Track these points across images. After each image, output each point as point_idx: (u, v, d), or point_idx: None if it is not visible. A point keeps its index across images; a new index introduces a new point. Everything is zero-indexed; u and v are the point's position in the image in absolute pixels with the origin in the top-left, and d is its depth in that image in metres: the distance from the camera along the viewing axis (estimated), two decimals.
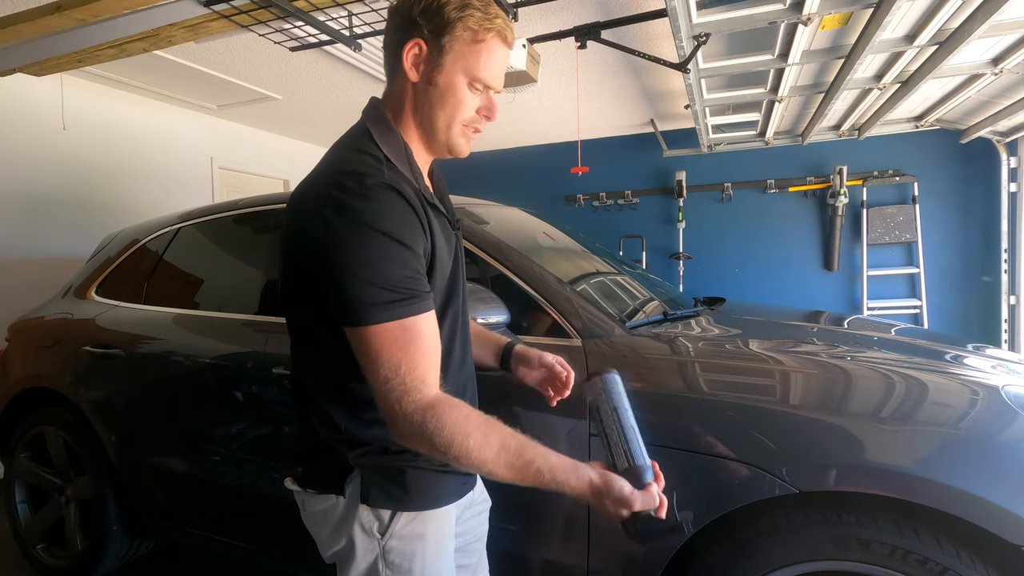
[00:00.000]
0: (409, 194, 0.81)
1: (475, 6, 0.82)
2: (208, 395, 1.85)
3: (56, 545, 2.25)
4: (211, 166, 4.69)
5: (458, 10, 0.81)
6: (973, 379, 1.24)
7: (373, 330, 0.76)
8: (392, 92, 0.90)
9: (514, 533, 1.09)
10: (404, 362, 0.77)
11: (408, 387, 0.77)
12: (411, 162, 0.88)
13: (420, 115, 0.88)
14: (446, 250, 0.89)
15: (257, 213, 2.04)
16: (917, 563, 1.05)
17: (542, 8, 2.73)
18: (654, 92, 4.20)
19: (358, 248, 0.76)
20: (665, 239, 5.37)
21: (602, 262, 2.12)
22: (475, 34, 0.83)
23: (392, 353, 0.77)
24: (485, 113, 0.89)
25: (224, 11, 2.30)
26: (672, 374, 1.31)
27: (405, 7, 0.84)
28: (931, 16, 2.45)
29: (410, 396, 0.77)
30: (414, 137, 0.90)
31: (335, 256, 0.77)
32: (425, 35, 0.82)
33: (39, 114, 3.57)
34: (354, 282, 0.76)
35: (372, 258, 0.76)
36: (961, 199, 4.48)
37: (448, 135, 0.88)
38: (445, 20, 0.81)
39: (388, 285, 0.76)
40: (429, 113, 0.86)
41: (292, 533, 1.75)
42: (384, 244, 0.76)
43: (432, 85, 0.85)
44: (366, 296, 0.76)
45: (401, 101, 0.88)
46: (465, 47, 0.83)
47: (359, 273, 0.76)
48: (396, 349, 0.77)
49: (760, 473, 1.14)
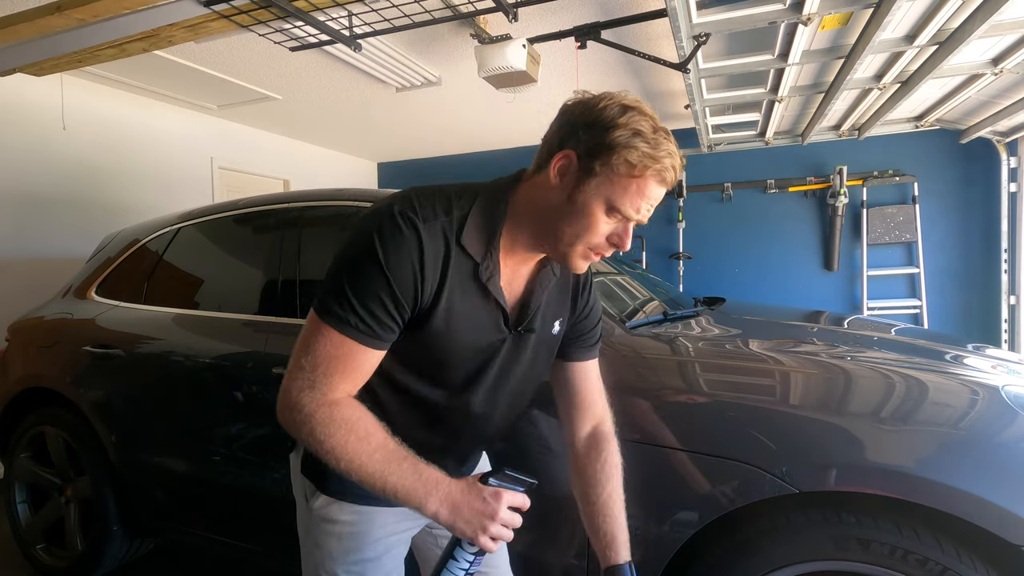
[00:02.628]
0: (431, 249, 0.80)
1: (645, 138, 0.75)
2: (208, 395, 1.85)
3: (56, 545, 2.25)
4: (211, 166, 4.69)
5: (625, 138, 0.74)
6: (973, 379, 1.24)
7: (321, 326, 0.80)
8: (530, 181, 0.85)
9: (515, 533, 1.09)
10: (325, 366, 0.80)
11: (315, 385, 0.79)
12: (490, 244, 0.84)
13: (545, 220, 0.83)
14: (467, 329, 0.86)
15: (257, 213, 2.04)
16: (917, 563, 1.05)
17: (542, 8, 2.73)
18: (654, 92, 4.20)
19: (360, 262, 0.79)
20: (665, 239, 5.37)
21: (602, 262, 2.12)
22: (632, 168, 0.75)
23: (320, 353, 0.80)
24: (615, 241, 0.82)
25: (224, 11, 2.30)
26: (672, 374, 1.31)
27: (575, 112, 0.80)
28: (931, 16, 2.46)
29: (312, 393, 0.79)
30: (526, 232, 0.86)
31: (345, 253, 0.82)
32: (580, 150, 0.77)
33: (39, 114, 3.57)
34: (339, 282, 0.80)
35: (363, 276, 0.79)
36: (961, 199, 4.48)
37: (568, 251, 0.83)
38: (606, 144, 0.75)
39: (359, 307, 0.78)
40: (556, 224, 0.81)
41: (292, 533, 1.75)
42: (377, 274, 0.78)
43: (569, 201, 0.79)
44: (336, 300, 0.79)
45: (533, 196, 0.84)
46: (616, 177, 0.76)
47: (346, 279, 0.79)
48: (326, 353, 0.80)
49: (760, 473, 1.14)
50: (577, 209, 0.79)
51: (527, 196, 0.85)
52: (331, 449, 0.77)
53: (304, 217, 1.89)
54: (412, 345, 0.86)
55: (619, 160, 0.75)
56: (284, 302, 1.82)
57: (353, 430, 0.78)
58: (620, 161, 0.75)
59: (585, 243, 0.81)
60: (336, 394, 0.80)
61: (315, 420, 0.78)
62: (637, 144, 0.74)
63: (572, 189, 0.79)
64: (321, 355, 0.79)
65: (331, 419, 0.78)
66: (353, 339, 0.79)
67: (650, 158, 0.75)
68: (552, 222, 0.82)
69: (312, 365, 0.79)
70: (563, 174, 0.80)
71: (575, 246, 0.82)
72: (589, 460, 1.01)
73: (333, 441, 0.77)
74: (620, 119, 0.75)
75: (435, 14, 2.58)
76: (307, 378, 0.79)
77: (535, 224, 0.84)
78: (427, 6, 2.52)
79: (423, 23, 2.61)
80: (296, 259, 1.84)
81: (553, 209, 0.81)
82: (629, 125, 0.74)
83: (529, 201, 0.84)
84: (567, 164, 0.79)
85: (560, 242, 0.82)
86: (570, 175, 0.79)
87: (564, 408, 1.06)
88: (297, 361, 0.81)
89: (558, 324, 0.98)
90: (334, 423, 0.78)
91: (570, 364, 1.04)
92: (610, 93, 0.79)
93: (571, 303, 1.00)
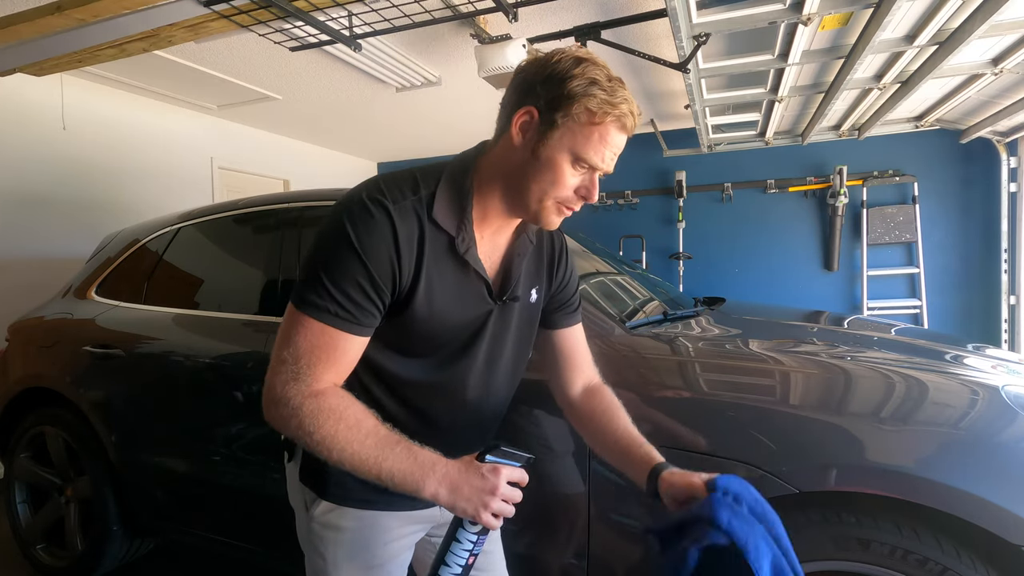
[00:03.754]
0: (404, 229, 0.80)
1: (602, 86, 0.76)
2: (208, 395, 1.85)
3: (56, 545, 2.25)
4: (211, 166, 4.69)
5: (583, 87, 0.76)
6: (973, 379, 1.24)
7: (300, 317, 0.79)
8: (494, 148, 0.86)
9: (514, 533, 1.09)
10: (307, 356, 0.78)
11: (299, 376, 0.78)
12: (463, 216, 0.85)
13: (513, 181, 0.83)
14: (450, 306, 0.86)
15: (257, 213, 2.04)
16: (917, 563, 1.05)
17: (542, 8, 2.73)
18: (654, 92, 4.20)
19: (334, 249, 0.79)
20: (665, 239, 5.37)
21: (602, 262, 2.12)
22: (592, 115, 0.76)
23: (302, 344, 0.79)
24: (583, 193, 0.82)
25: (224, 11, 2.30)
26: (672, 374, 1.31)
27: (530, 71, 0.81)
28: (931, 16, 2.45)
29: (297, 384, 0.78)
30: (496, 197, 0.86)
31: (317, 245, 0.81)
32: (540, 105, 0.78)
33: (39, 114, 3.57)
34: (314, 271, 0.79)
35: (338, 262, 0.78)
36: (961, 199, 4.48)
37: (539, 208, 0.83)
38: (565, 95, 0.76)
39: (336, 293, 0.78)
40: (523, 183, 0.82)
41: (292, 533, 1.75)
42: (352, 259, 0.78)
43: (533, 157, 0.80)
44: (313, 289, 0.79)
45: (497, 160, 0.85)
46: (577, 126, 0.77)
47: (321, 268, 0.79)
48: (307, 343, 0.79)
49: (760, 473, 1.14)
50: (542, 164, 0.80)
51: (492, 161, 0.86)
52: (321, 440, 0.76)
53: (304, 217, 1.89)
54: (399, 330, 0.86)
55: (579, 109, 0.76)
56: (284, 302, 1.81)
57: (343, 418, 0.76)
58: (580, 110, 0.76)
59: (553, 198, 0.82)
60: (321, 384, 0.78)
61: (303, 412, 0.76)
62: (595, 92, 0.76)
63: (536, 144, 0.79)
64: (303, 346, 0.78)
65: (319, 409, 0.76)
66: (334, 326, 0.78)
67: (609, 104, 0.76)
68: (519, 181, 0.83)
69: (295, 357, 0.78)
70: (525, 130, 0.80)
71: (544, 202, 0.82)
72: (594, 405, 1.02)
73: (323, 431, 0.76)
74: (575, 70, 0.76)
75: (435, 14, 2.58)
76: (290, 370, 0.78)
77: (503, 187, 0.85)
78: (427, 6, 2.52)
79: (423, 23, 2.62)
80: (296, 259, 1.84)
81: (519, 168, 0.82)
82: (585, 75, 0.76)
83: (494, 165, 0.85)
84: (528, 120, 0.80)
85: (530, 200, 0.83)
86: (532, 130, 0.80)
87: (555, 374, 1.07)
88: (279, 355, 0.79)
89: (535, 292, 0.99)
90: (322, 413, 0.76)
91: (557, 332, 1.06)
92: (561, 48, 0.81)
93: (547, 273, 1.02)
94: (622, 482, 1.27)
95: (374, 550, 0.94)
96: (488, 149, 0.87)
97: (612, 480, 1.28)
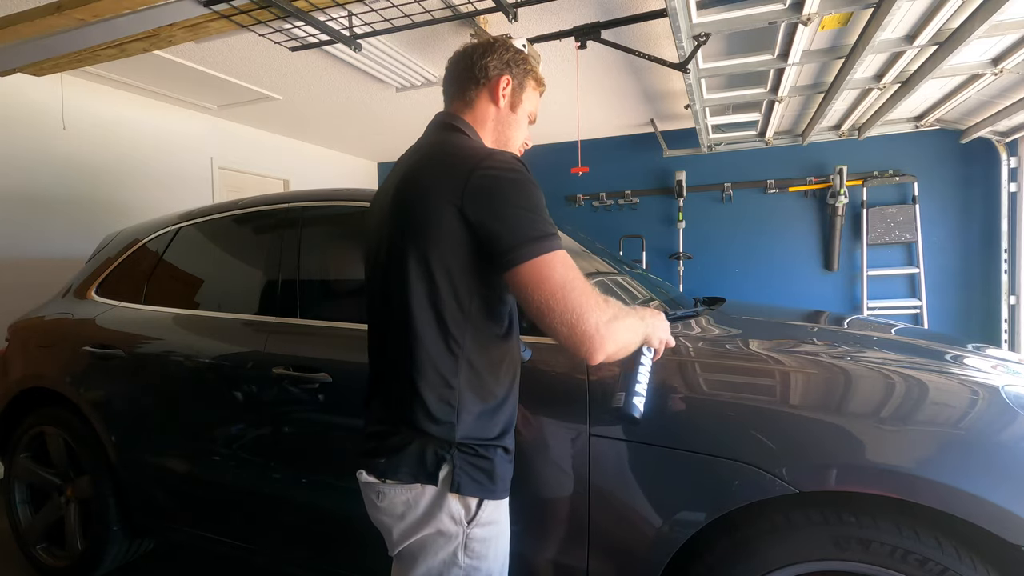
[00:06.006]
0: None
1: (533, 65, 1.17)
2: (208, 395, 1.85)
3: (56, 545, 2.25)
4: (211, 166, 4.69)
5: (531, 65, 1.16)
6: (973, 379, 1.23)
7: (555, 257, 0.90)
8: (473, 112, 1.11)
9: (514, 533, 1.09)
10: (583, 282, 0.89)
11: (598, 303, 0.89)
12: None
13: (498, 133, 1.13)
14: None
15: (257, 213, 2.04)
16: (917, 563, 1.05)
17: (542, 8, 2.73)
18: (654, 92, 4.20)
19: (531, 191, 0.93)
20: (665, 239, 5.37)
21: (602, 262, 2.12)
22: (539, 84, 1.18)
23: (575, 276, 0.89)
24: (527, 140, 1.21)
25: (224, 11, 2.30)
26: (672, 374, 1.31)
27: (499, 49, 1.12)
28: (931, 16, 2.45)
29: (602, 311, 0.89)
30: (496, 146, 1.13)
31: (521, 197, 0.92)
32: (513, 74, 1.12)
33: (39, 114, 3.57)
34: (534, 215, 0.91)
35: (538, 200, 0.94)
36: (961, 199, 4.48)
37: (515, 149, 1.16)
38: (525, 69, 1.15)
39: (551, 224, 0.92)
40: (508, 134, 1.14)
41: (291, 532, 1.75)
42: (540, 193, 0.95)
43: (512, 111, 1.14)
44: (545, 231, 0.90)
45: (484, 119, 1.12)
46: (530, 91, 1.16)
47: (538, 210, 0.92)
48: (575, 273, 0.89)
49: (760, 473, 1.14)
50: (518, 118, 1.15)
51: (477, 123, 1.11)
52: (625, 344, 0.94)
53: (304, 217, 1.89)
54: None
55: (533, 79, 1.17)
56: (284, 302, 1.82)
57: (616, 316, 0.91)
58: (533, 79, 1.17)
59: (518, 143, 1.17)
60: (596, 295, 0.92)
61: (611, 329, 0.89)
62: (535, 67, 1.17)
63: (515, 104, 1.14)
64: (577, 279, 0.89)
65: (615, 317, 0.90)
66: (561, 248, 0.92)
67: (540, 76, 1.19)
68: (505, 135, 1.14)
69: (583, 292, 0.88)
70: (507, 94, 1.12)
71: (518, 144, 1.17)
72: None
73: (621, 338, 0.92)
74: (523, 54, 1.15)
75: (435, 14, 2.58)
76: (591, 304, 0.88)
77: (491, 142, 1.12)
78: (427, 6, 2.52)
79: (423, 23, 2.62)
80: (296, 259, 1.84)
81: (502, 121, 1.14)
82: (528, 57, 1.16)
83: (482, 126, 1.12)
84: (507, 86, 1.12)
85: (514, 145, 1.16)
86: (511, 94, 1.13)
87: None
88: (570, 306, 0.87)
89: None
90: (616, 320, 0.90)
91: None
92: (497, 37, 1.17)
93: None
94: (622, 482, 1.27)
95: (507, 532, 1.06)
96: (465, 115, 1.11)
97: (612, 480, 1.28)
